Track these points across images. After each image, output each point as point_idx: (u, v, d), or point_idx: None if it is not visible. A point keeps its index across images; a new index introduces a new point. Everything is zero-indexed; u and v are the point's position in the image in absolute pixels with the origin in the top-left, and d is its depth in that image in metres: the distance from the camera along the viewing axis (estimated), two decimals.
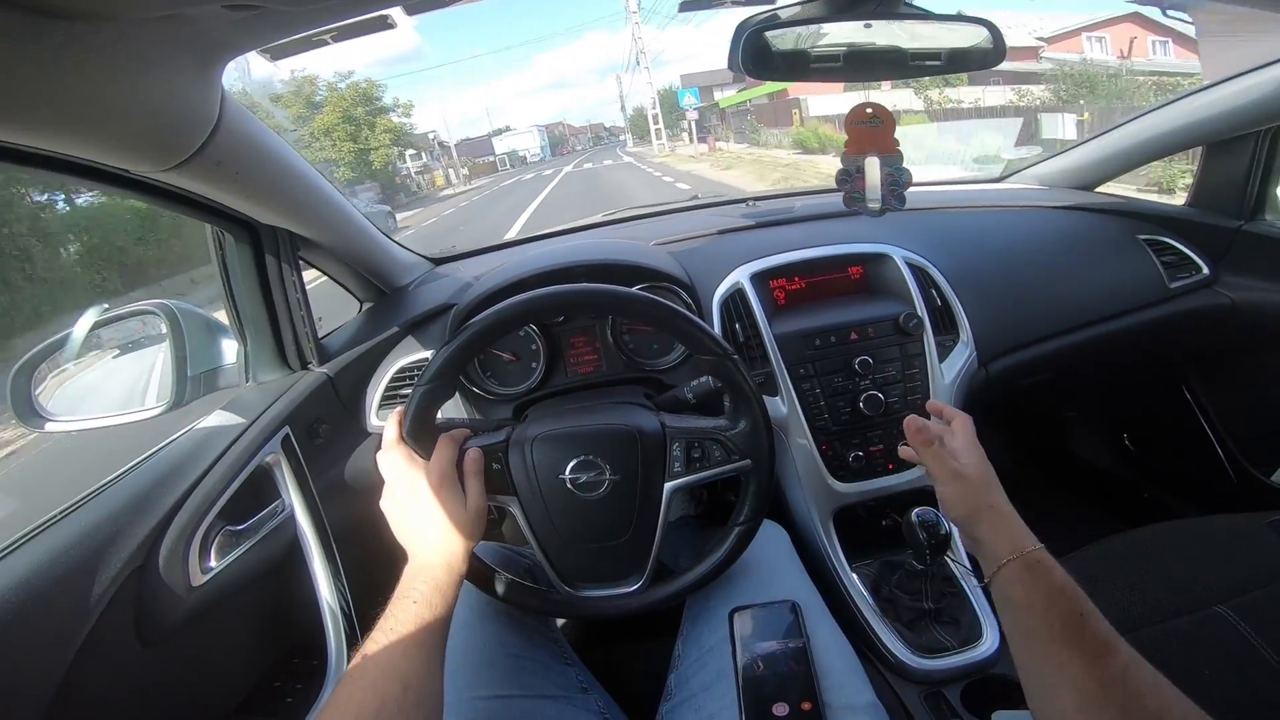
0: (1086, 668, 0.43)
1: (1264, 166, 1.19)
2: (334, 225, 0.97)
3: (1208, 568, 0.82)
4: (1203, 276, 1.26)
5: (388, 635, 0.52)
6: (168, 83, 0.52)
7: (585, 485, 0.66)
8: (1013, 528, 0.55)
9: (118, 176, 0.62)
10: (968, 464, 0.61)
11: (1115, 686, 0.42)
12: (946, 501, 0.61)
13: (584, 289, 0.70)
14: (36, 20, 0.39)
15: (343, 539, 0.92)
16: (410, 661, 0.51)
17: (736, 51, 0.71)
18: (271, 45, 0.52)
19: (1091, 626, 0.46)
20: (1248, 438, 1.37)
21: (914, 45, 0.73)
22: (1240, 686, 0.68)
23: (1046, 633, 0.47)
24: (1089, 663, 0.43)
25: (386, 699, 0.48)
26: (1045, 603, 0.48)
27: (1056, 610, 0.47)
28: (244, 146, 0.69)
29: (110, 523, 0.68)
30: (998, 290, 1.16)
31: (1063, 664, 0.44)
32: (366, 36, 0.53)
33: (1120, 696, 0.41)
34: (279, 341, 0.97)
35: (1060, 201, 1.39)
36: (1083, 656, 0.44)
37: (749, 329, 1.04)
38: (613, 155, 40.45)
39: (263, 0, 0.43)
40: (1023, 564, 0.51)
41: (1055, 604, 0.48)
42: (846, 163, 0.93)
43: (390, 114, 26.83)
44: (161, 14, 0.44)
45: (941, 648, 0.91)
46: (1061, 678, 0.44)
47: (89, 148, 0.54)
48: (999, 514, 0.56)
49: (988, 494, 0.58)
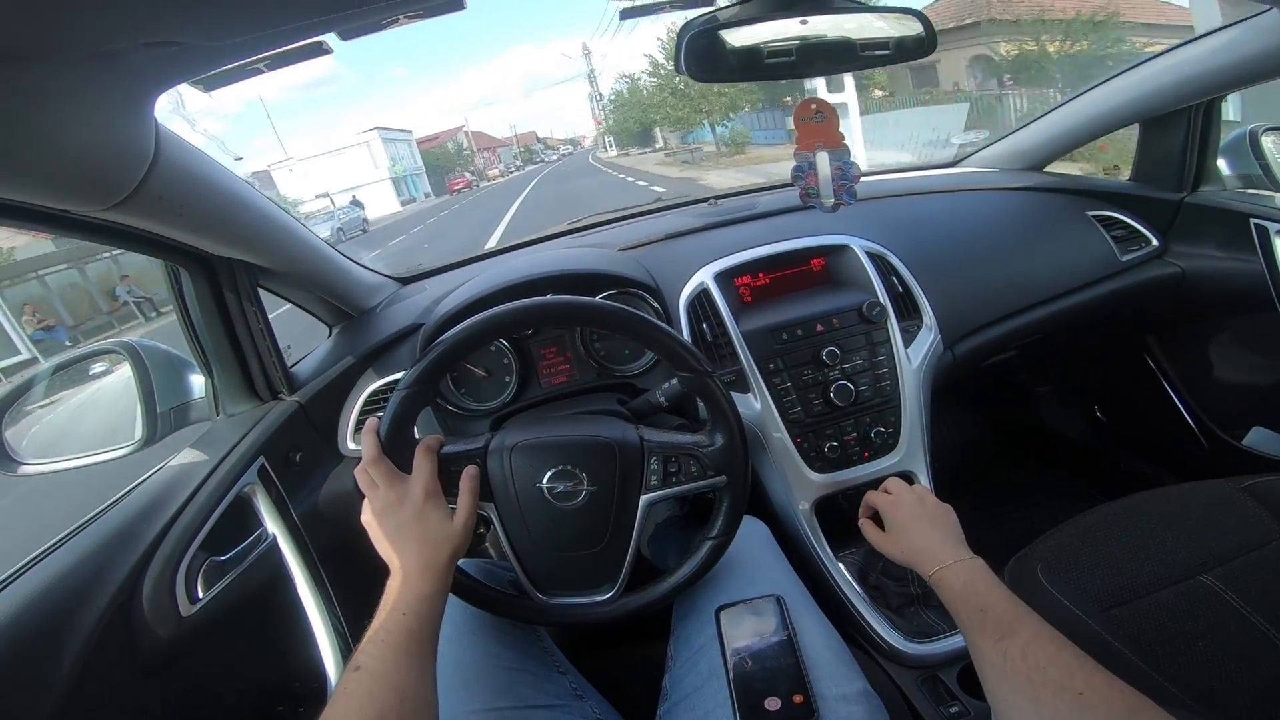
0: (993, 647, 0.52)
1: (1200, 140, 1.23)
2: (291, 253, 0.96)
3: (1188, 538, 0.82)
4: (1152, 249, 1.29)
5: (379, 646, 0.52)
6: (99, 121, 0.51)
7: (563, 495, 0.67)
8: (927, 553, 0.68)
9: (59, 218, 0.61)
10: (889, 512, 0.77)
11: (1018, 660, 0.50)
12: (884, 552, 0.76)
13: (582, 304, 0.71)
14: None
15: (330, 561, 0.92)
16: (404, 672, 0.51)
17: (680, 55, 0.72)
18: (202, 77, 0.52)
19: (993, 617, 0.55)
20: (1213, 402, 1.41)
21: (859, 37, 0.74)
22: (1239, 656, 0.68)
23: (963, 625, 0.58)
24: (994, 644, 0.53)
25: (385, 708, 0.48)
26: (957, 604, 0.60)
27: (963, 607, 0.59)
28: (185, 179, 0.68)
29: (92, 559, 0.68)
30: (957, 273, 1.18)
31: (978, 648, 0.55)
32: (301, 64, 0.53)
33: (1024, 668, 0.49)
34: (246, 373, 0.96)
35: (1011, 183, 1.42)
36: (988, 639, 0.53)
37: (716, 329, 1.05)
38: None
39: (180, 38, 0.43)
40: (939, 577, 0.64)
41: (960, 604, 0.60)
42: (799, 159, 0.94)
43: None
44: (84, 53, 0.43)
45: (933, 631, 0.92)
46: (980, 659, 0.54)
47: (26, 191, 0.53)
48: (917, 548, 0.70)
49: (905, 537, 0.73)
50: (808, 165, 0.92)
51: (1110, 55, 9.93)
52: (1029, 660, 0.49)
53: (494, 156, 72.53)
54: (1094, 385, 1.68)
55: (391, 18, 0.52)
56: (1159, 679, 0.67)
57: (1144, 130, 1.32)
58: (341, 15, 0.48)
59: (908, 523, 0.74)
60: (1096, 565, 0.82)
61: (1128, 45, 10.22)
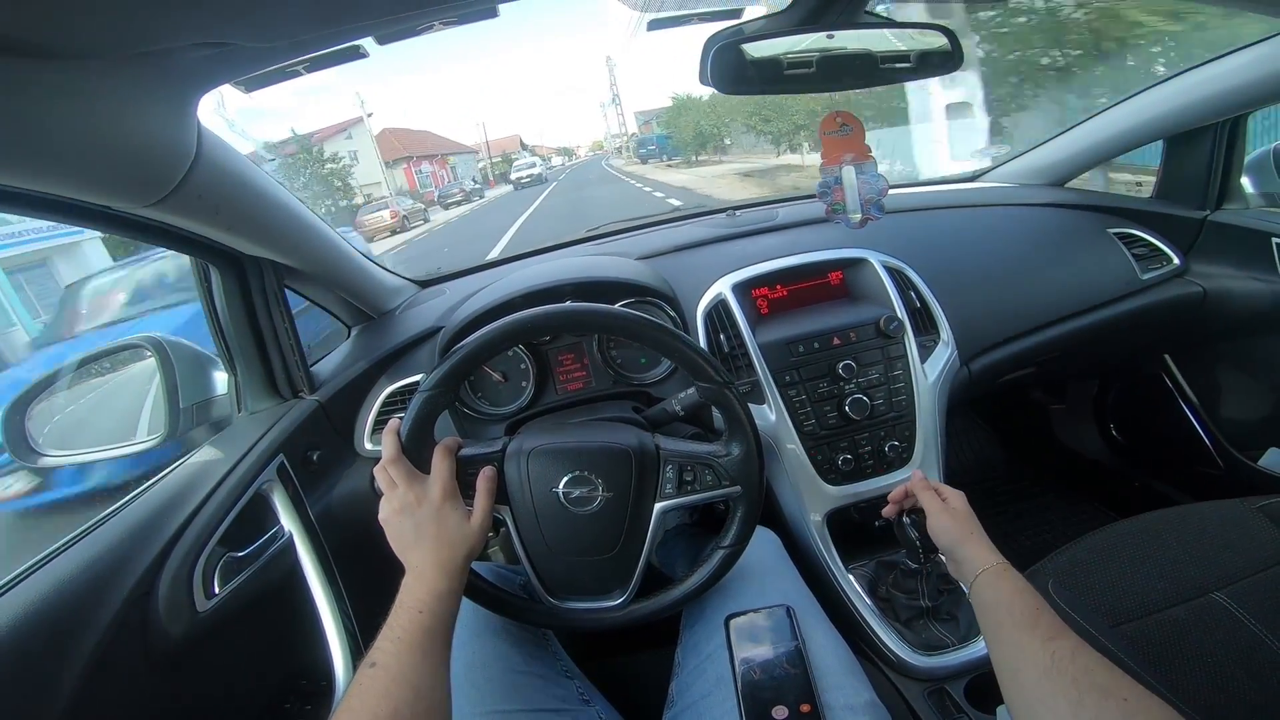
0: (1042, 646, 0.52)
1: (1224, 157, 1.23)
2: (318, 253, 0.98)
3: (1201, 555, 0.82)
4: (1174, 267, 1.28)
5: (395, 644, 0.53)
6: (145, 119, 0.53)
7: (578, 500, 0.67)
8: (984, 549, 0.66)
9: (100, 213, 0.63)
10: (953, 501, 0.73)
11: (1066, 661, 0.49)
12: (936, 530, 0.72)
13: (605, 311, 0.71)
14: (14, 63, 0.41)
15: (343, 561, 0.92)
16: (418, 670, 0.52)
17: (706, 67, 0.73)
18: (245, 78, 0.54)
19: (1045, 617, 0.55)
20: (1230, 423, 1.39)
21: (887, 50, 0.75)
22: (1247, 673, 0.68)
23: (1011, 622, 0.56)
24: (1043, 642, 0.52)
25: (400, 705, 0.48)
26: (1009, 600, 0.59)
27: (1018, 604, 0.57)
28: (224, 178, 0.69)
29: (112, 552, 0.68)
30: (975, 289, 1.18)
31: (1023, 645, 0.53)
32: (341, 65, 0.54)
33: (1071, 669, 0.49)
34: (269, 371, 0.97)
35: (1032, 199, 1.42)
36: (1038, 638, 0.53)
37: (733, 339, 1.06)
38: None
39: (231, 38, 0.44)
40: (993, 574, 0.63)
41: (1016, 600, 0.58)
42: (825, 174, 0.94)
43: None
44: (134, 52, 0.45)
45: (941, 645, 0.92)
46: (1023, 657, 0.53)
47: (70, 186, 0.55)
48: (976, 540, 0.68)
49: (968, 524, 0.70)
50: (834, 180, 0.91)
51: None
52: (1078, 663, 0.49)
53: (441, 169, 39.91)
54: (1109, 404, 1.66)
55: (428, 24, 0.54)
56: (1166, 694, 0.67)
57: (1169, 147, 1.32)
58: (382, 20, 0.50)
59: (963, 508, 0.73)
60: (1109, 581, 0.82)
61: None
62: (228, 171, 0.70)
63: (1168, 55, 4.96)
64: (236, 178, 0.72)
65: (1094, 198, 1.41)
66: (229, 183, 0.71)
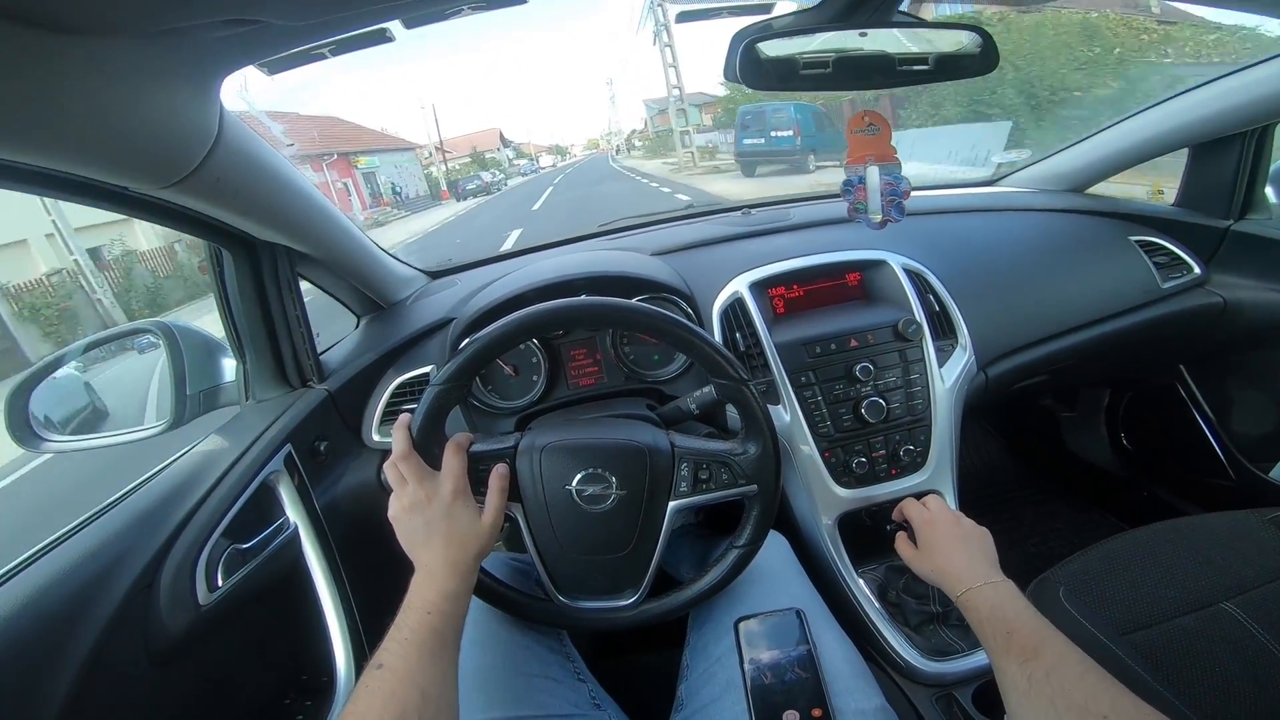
0: (1019, 669, 0.53)
1: (1250, 166, 1.21)
2: (332, 241, 0.97)
3: (1211, 565, 0.82)
4: (1194, 276, 1.27)
5: (402, 645, 0.52)
6: (167, 99, 0.51)
7: (592, 498, 0.66)
8: (961, 572, 0.69)
9: (117, 194, 0.62)
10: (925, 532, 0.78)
11: (1042, 683, 0.51)
12: (913, 567, 0.78)
13: (624, 306, 0.70)
14: (37, 36, 0.39)
15: (348, 554, 0.91)
16: (427, 671, 0.51)
17: (734, 60, 0.72)
18: (270, 59, 0.52)
19: (1019, 639, 0.56)
20: (1244, 435, 1.38)
21: (904, 51, 0.73)
22: (1254, 682, 0.69)
23: (989, 649, 0.59)
24: (1019, 665, 0.53)
25: (407, 707, 0.48)
26: (979, 625, 0.62)
27: (989, 631, 0.60)
28: (243, 163, 0.68)
29: (115, 542, 0.67)
30: (994, 294, 1.16)
31: (1002, 669, 0.56)
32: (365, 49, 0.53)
33: (1047, 690, 0.50)
34: (278, 359, 0.96)
35: (1052, 204, 1.40)
36: (1013, 661, 0.54)
37: (749, 338, 1.05)
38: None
39: (261, 15, 0.43)
40: (967, 599, 0.65)
41: (986, 625, 0.60)
42: (849, 173, 0.93)
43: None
44: (160, 29, 0.43)
45: (950, 650, 0.91)
46: (1003, 680, 0.55)
47: (89, 166, 0.54)
48: (951, 566, 0.71)
49: (947, 548, 0.74)
50: (858, 179, 0.90)
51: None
52: (1053, 683, 0.50)
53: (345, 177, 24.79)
54: (1121, 412, 1.65)
55: (457, 8, 0.53)
56: (1173, 700, 0.68)
57: (1194, 155, 1.30)
58: (412, 1, 0.48)
59: (941, 543, 0.75)
60: (1119, 590, 0.82)
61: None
62: (247, 155, 0.69)
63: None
64: (255, 162, 0.71)
65: (1115, 204, 1.39)
66: (247, 167, 0.70)
